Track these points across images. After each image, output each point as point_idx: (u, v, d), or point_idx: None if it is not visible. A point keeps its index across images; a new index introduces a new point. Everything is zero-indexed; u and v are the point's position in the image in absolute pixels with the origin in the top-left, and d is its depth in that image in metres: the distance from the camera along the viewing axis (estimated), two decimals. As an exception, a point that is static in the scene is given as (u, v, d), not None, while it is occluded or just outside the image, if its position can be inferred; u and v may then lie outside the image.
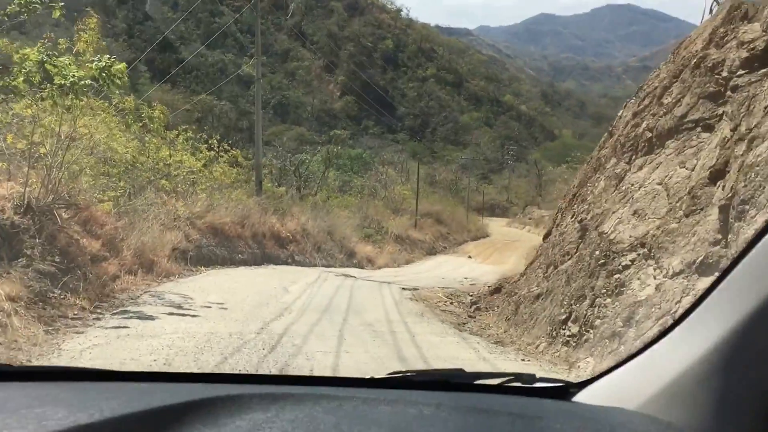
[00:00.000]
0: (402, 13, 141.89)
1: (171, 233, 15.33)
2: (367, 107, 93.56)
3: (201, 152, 19.59)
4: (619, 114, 10.11)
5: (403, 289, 15.70)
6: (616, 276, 7.09)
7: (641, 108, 8.86)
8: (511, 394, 1.79)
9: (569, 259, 8.89)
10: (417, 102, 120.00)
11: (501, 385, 1.84)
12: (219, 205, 18.88)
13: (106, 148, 15.08)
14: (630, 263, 6.97)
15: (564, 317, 7.91)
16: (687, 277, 6.02)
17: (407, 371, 1.89)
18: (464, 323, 10.75)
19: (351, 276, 18.37)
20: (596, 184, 9.40)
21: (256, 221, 20.12)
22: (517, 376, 1.87)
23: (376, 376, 1.85)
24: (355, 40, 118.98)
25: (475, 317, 11.81)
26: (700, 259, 5.96)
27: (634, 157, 8.52)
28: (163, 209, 15.94)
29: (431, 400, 1.54)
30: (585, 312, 7.42)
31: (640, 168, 8.20)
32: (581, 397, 1.68)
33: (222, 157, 20.17)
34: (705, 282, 6.05)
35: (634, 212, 7.58)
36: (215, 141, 20.16)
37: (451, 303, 13.86)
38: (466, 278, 21.01)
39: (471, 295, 13.97)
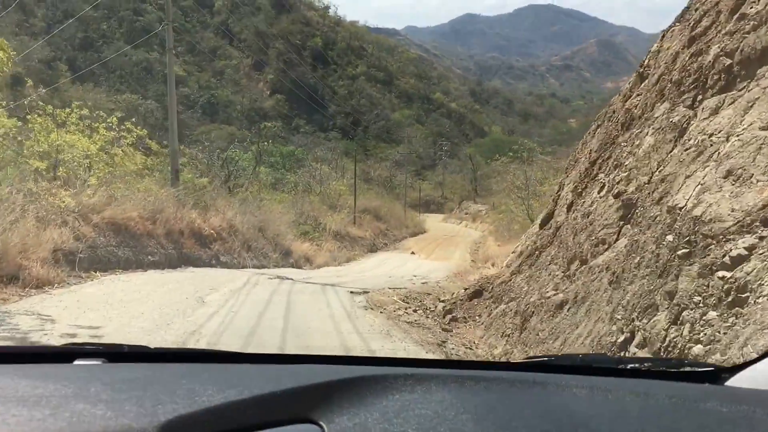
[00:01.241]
0: (330, 11, 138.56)
1: (53, 230, 11.95)
2: (298, 105, 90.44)
3: (98, 133, 16.01)
4: (656, 47, 7.47)
5: (351, 292, 12.82)
6: (721, 274, 4.42)
7: (701, 31, 6.25)
8: (658, 379, 1.66)
9: (607, 250, 6.21)
10: (348, 100, 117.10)
11: (648, 369, 1.73)
12: (124, 197, 15.48)
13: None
14: (747, 252, 4.32)
15: (621, 339, 5.17)
16: None
17: (544, 356, 1.83)
18: (443, 342, 7.95)
19: (287, 278, 15.37)
20: (636, 142, 6.71)
21: (171, 216, 16.84)
22: (664, 361, 1.90)
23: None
24: (283, 37, 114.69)
25: (451, 331, 9.05)
26: None
27: (700, 97, 5.90)
28: (44, 200, 12.54)
29: (582, 384, 1.41)
30: (663, 332, 4.71)
31: (715, 111, 5.60)
32: (735, 381, 1.54)
33: (125, 138, 16.64)
34: None
35: (727, 174, 4.95)
36: (115, 119, 16.55)
37: (414, 310, 11.09)
38: (415, 276, 19.02)
39: (442, 301, 11.15)
